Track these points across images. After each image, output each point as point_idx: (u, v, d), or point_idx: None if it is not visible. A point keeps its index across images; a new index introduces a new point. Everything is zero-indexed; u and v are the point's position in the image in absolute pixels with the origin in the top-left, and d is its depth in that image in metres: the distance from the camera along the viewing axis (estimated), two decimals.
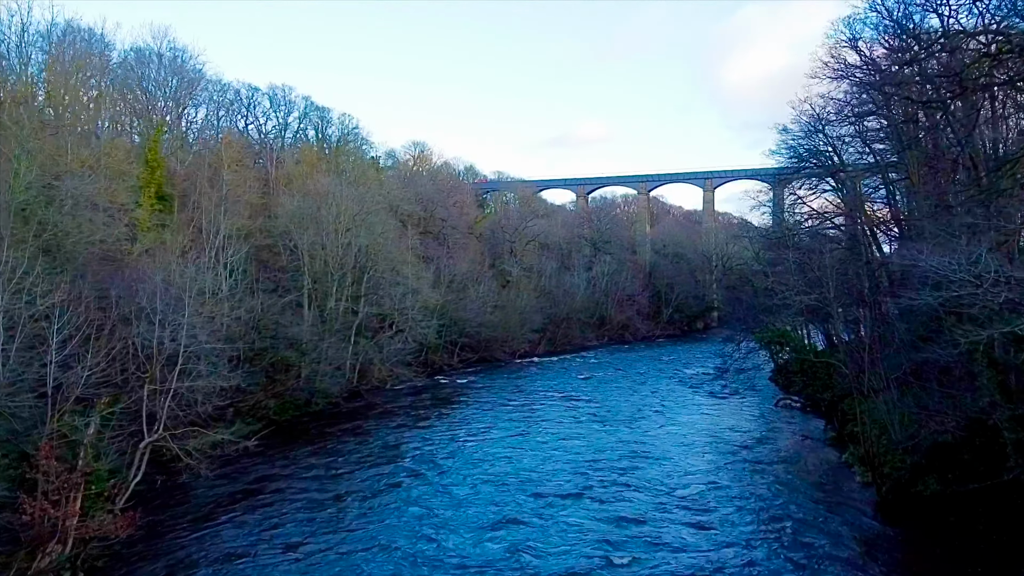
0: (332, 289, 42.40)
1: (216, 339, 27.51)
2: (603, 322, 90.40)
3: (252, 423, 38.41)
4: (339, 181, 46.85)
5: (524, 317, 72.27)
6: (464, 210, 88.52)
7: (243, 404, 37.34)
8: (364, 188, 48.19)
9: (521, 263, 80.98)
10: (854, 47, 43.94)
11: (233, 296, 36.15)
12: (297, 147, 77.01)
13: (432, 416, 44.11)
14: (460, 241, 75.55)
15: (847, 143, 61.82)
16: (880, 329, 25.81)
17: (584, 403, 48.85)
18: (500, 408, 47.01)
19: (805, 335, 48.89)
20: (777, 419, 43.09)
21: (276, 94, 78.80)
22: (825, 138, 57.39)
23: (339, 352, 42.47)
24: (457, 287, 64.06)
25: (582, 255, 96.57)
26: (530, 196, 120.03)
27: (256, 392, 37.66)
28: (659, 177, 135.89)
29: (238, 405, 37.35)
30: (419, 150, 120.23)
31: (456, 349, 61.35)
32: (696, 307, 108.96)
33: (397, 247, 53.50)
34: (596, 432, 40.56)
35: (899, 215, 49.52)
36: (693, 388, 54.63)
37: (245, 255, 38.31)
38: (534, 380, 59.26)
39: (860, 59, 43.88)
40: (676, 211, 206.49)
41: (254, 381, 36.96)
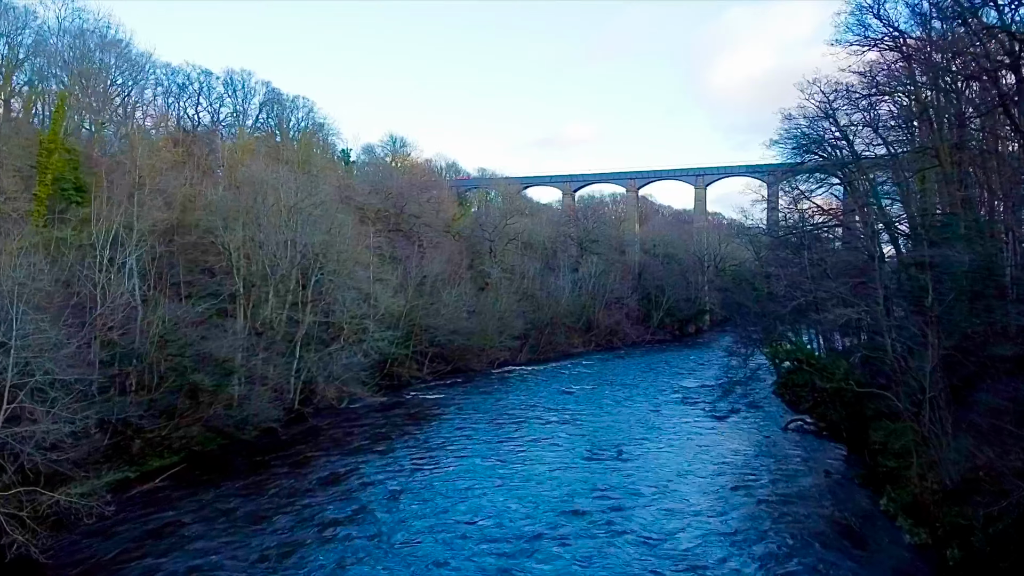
0: (269, 295, 36.12)
1: (80, 363, 21.13)
2: (590, 327, 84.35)
3: (169, 456, 32.41)
4: (278, 168, 40.45)
5: (503, 322, 66.14)
6: (442, 207, 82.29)
7: (152, 436, 31.02)
8: (313, 178, 41.66)
9: (502, 264, 74.84)
10: (877, 15, 38.41)
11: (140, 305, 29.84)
12: (256, 136, 70.65)
13: (386, 442, 37.90)
14: (436, 240, 69.27)
15: (856, 134, 56.53)
16: (946, 350, 19.89)
17: (566, 424, 42.76)
18: (468, 430, 40.87)
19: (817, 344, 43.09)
20: (789, 446, 37.13)
21: (233, 79, 72.44)
22: (835, 124, 51.85)
23: (278, 369, 36.23)
24: (428, 290, 57.85)
25: (568, 255, 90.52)
26: (514, 194, 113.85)
27: (168, 420, 31.35)
28: (649, 174, 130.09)
29: (147, 436, 31.08)
30: (398, 145, 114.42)
31: (426, 360, 55.12)
32: (688, 310, 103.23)
33: (357, 246, 47.24)
34: (578, 462, 34.54)
35: (916, 212, 43.91)
36: (689, 404, 48.64)
37: (161, 255, 31.96)
38: (511, 394, 53.11)
39: (885, 27, 38.28)
40: (665, 211, 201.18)
41: (164, 407, 30.67)
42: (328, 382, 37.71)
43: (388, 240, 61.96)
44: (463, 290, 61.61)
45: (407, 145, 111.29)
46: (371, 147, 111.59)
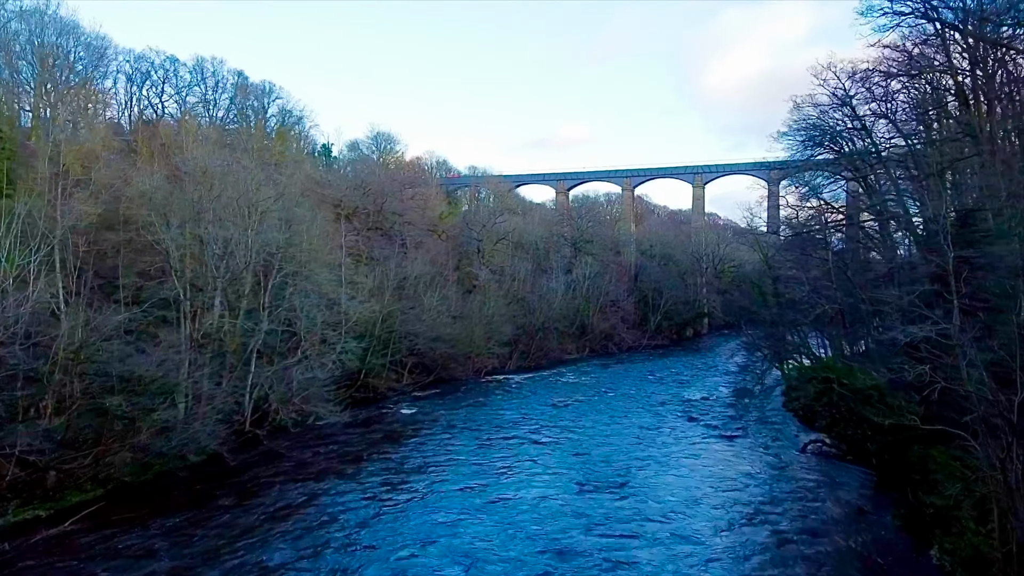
0: (214, 300, 31.59)
1: None
2: (584, 331, 79.93)
3: (93, 490, 27.88)
4: (223, 155, 35.80)
5: (492, 328, 61.71)
6: (429, 205, 77.85)
7: (72, 466, 26.48)
8: (276, 169, 37.03)
9: (490, 265, 70.37)
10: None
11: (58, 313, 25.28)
12: (230, 127, 66.08)
13: (354, 465, 33.42)
14: (420, 240, 64.81)
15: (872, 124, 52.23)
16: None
17: (558, 443, 38.31)
18: (449, 451, 36.42)
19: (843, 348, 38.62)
20: (809, 471, 32.73)
21: (203, 67, 67.82)
22: (853, 112, 47.54)
23: (228, 385, 31.70)
24: (409, 293, 53.38)
25: (561, 256, 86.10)
26: (505, 192, 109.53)
27: (93, 447, 26.81)
28: (645, 172, 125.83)
29: (65, 467, 26.53)
30: (384, 142, 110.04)
31: (405, 369, 50.59)
32: (686, 313, 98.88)
33: (327, 245, 42.72)
34: (572, 489, 30.21)
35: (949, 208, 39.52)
36: (693, 420, 44.19)
37: (86, 255, 27.39)
38: (499, 407, 48.61)
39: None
40: (661, 211, 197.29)
41: (86, 433, 26.15)
42: (283, 401, 33.11)
43: (366, 239, 57.53)
44: (448, 293, 57.16)
45: (394, 141, 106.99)
46: (356, 143, 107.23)
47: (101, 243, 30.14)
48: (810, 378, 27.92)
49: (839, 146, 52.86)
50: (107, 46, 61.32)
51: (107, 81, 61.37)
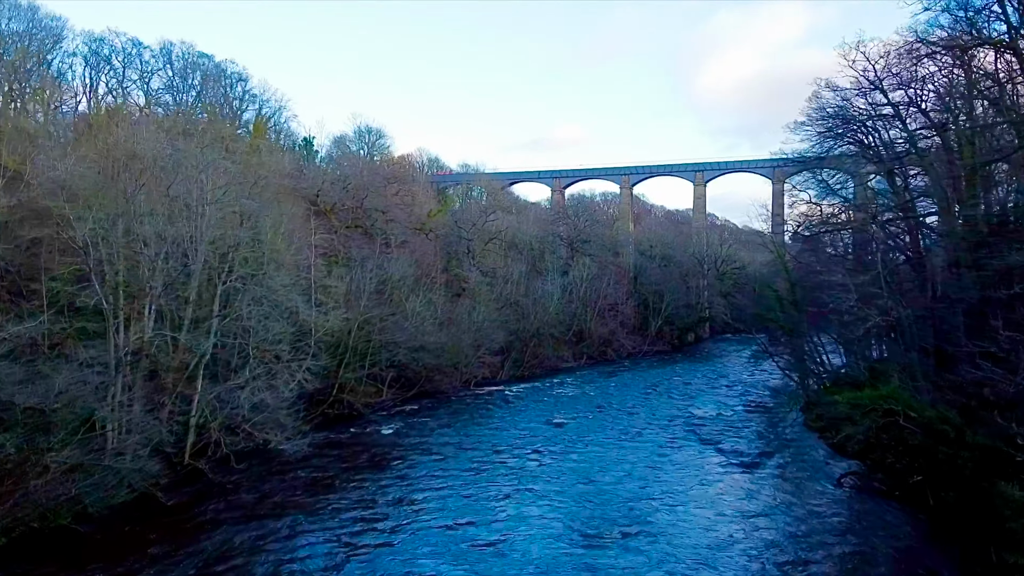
0: (146, 308, 26.55)
1: None
2: (581, 337, 75.02)
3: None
4: (154, 138, 30.59)
5: (482, 335, 56.74)
6: (416, 202, 72.76)
7: None
8: (222, 154, 31.88)
9: (481, 266, 65.39)
10: None
11: None
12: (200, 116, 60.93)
13: (316, 500, 28.39)
14: (405, 239, 59.81)
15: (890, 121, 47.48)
16: None
17: (556, 471, 33.32)
18: (427, 482, 31.38)
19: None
20: (850, 513, 27.73)
21: (170, 52, 62.69)
22: (884, 97, 42.73)
23: (165, 411, 26.68)
24: (389, 298, 48.38)
25: (556, 257, 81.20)
26: (498, 190, 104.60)
27: None
28: (644, 169, 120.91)
29: None
30: (373, 137, 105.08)
31: (385, 383, 45.50)
32: (688, 318, 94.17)
33: (292, 244, 37.69)
34: (573, 528, 25.35)
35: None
36: (706, 442, 39.19)
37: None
38: (487, 426, 43.59)
39: None
40: (658, 210, 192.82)
41: None
42: (228, 429, 28.05)
43: (344, 238, 52.50)
44: (434, 297, 52.17)
45: (382, 136, 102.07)
46: (343, 138, 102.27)
47: (11, 240, 25.14)
48: (868, 409, 22.93)
49: (863, 137, 48.21)
50: (63, 27, 56.19)
51: (62, 64, 56.16)
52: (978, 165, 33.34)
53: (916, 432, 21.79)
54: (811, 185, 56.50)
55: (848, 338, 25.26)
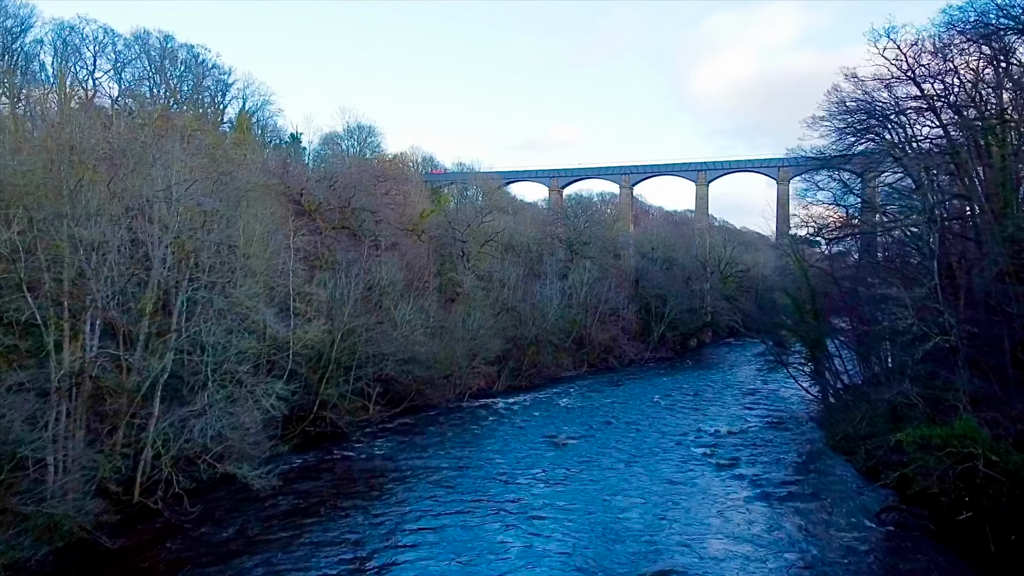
0: (87, 324, 22.90)
1: None
2: (581, 344, 71.45)
3: None
4: (94, 126, 26.89)
5: (477, 343, 53.21)
6: (408, 202, 69.14)
7: None
8: (180, 149, 28.15)
9: (476, 270, 61.87)
10: None
11: None
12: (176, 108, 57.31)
13: (282, 540, 24.85)
14: (395, 241, 56.22)
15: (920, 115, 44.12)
16: None
17: (559, 503, 29.76)
18: (412, 515, 27.85)
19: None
20: (896, 558, 24.29)
21: (146, 41, 59.05)
22: (917, 89, 39.37)
23: (112, 441, 23.16)
24: (379, 305, 44.88)
25: (555, 259, 77.67)
26: (494, 189, 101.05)
27: None
28: (645, 169, 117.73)
29: None
30: (365, 135, 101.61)
31: (371, 398, 41.92)
32: (692, 323, 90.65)
33: (268, 248, 34.13)
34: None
35: None
36: (722, 467, 35.64)
37: None
38: (481, 446, 39.87)
39: None
40: (656, 211, 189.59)
41: None
42: (182, 461, 24.47)
43: (330, 239, 48.96)
44: (426, 304, 48.60)
45: (374, 134, 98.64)
46: (334, 136, 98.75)
47: None
48: (944, 448, 19.36)
49: (889, 133, 44.87)
50: (31, 15, 52.53)
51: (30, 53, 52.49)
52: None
53: (1001, 481, 18.37)
54: (827, 185, 53.25)
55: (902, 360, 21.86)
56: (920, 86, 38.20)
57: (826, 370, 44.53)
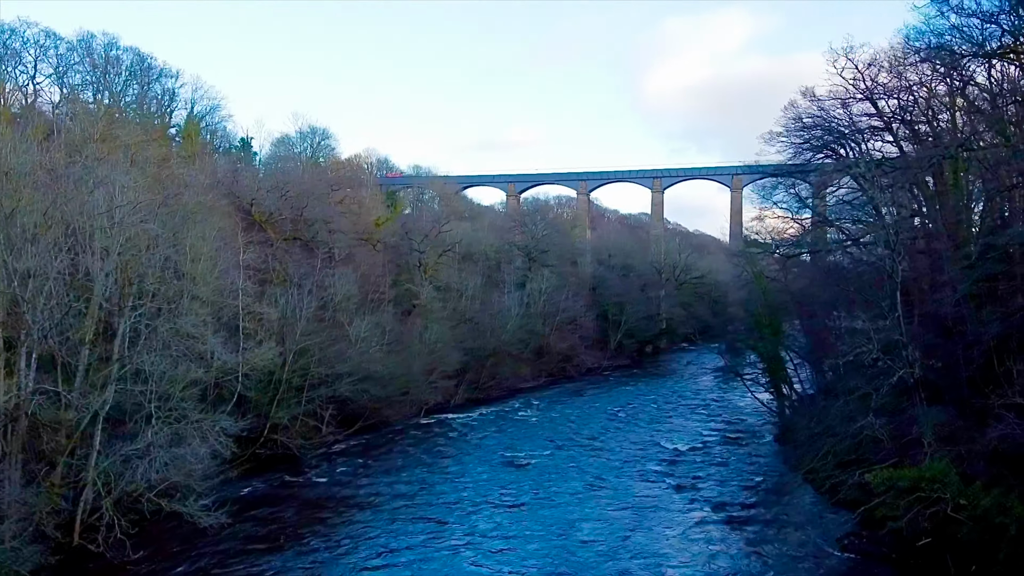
0: (21, 358, 21.13)
1: None
2: (540, 353, 70.90)
3: None
4: (29, 148, 25.04)
5: (435, 357, 52.21)
6: (363, 209, 67.58)
7: None
8: (125, 170, 26.38)
9: (434, 280, 60.75)
10: None
11: None
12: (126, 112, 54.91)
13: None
14: (350, 252, 54.72)
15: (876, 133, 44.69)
16: None
17: (516, 535, 28.95)
18: (364, 552, 26.76)
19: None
20: None
21: (90, 44, 56.42)
22: (874, 108, 39.79)
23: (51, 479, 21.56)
24: (331, 321, 43.52)
25: (513, 267, 76.99)
26: (452, 194, 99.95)
27: None
28: (601, 175, 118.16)
29: None
30: (319, 138, 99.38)
31: (324, 421, 40.53)
32: (648, 330, 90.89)
33: (217, 266, 32.59)
34: None
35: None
36: (682, 487, 35.14)
37: None
38: (436, 467, 38.59)
39: None
40: (611, 214, 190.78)
41: None
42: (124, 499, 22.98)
43: (282, 252, 47.34)
44: (382, 319, 47.38)
45: (329, 137, 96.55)
46: (287, 139, 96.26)
47: None
48: (913, 491, 19.00)
49: (845, 150, 45.37)
50: None
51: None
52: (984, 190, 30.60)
53: (968, 525, 18.27)
54: (783, 198, 53.80)
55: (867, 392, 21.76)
56: (877, 106, 38.65)
57: (783, 383, 44.95)
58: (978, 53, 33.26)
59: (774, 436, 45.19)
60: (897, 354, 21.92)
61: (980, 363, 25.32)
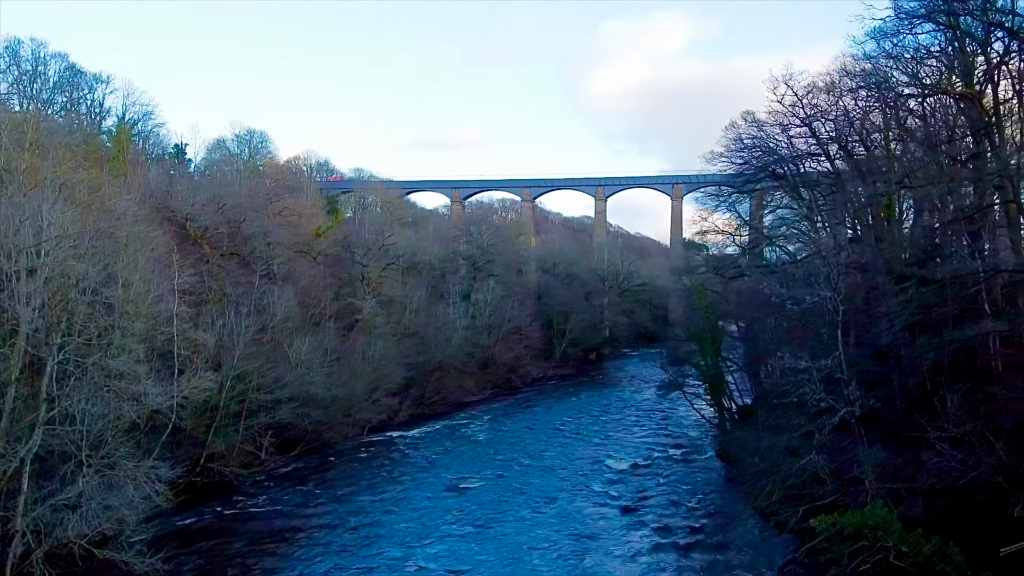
0: None
1: None
2: (486, 365, 70.54)
3: None
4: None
5: (379, 375, 51.21)
6: (303, 218, 65.79)
7: None
8: (52, 203, 24.68)
9: (377, 294, 59.66)
10: None
11: None
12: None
13: None
14: (291, 268, 53.07)
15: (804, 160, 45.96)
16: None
17: (461, 571, 28.56)
18: None
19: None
20: None
21: (16, 49, 53.40)
22: (812, 135, 40.77)
23: None
24: (271, 341, 42.17)
25: (459, 277, 76.39)
26: (395, 200, 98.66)
27: None
28: (545, 182, 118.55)
29: None
30: (256, 142, 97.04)
31: (263, 448, 39.14)
32: (593, 339, 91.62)
33: (151, 292, 31.02)
34: None
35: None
36: (627, 510, 35.26)
37: None
38: (376, 496, 37.17)
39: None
40: (555, 217, 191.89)
41: None
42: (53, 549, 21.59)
43: (218, 269, 45.69)
44: (324, 339, 46.16)
45: (267, 141, 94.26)
46: (222, 143, 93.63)
47: None
48: (857, 538, 19.33)
49: (783, 171, 46.43)
50: None
51: None
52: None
53: (911, 573, 18.68)
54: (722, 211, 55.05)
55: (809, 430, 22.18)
56: (815, 132, 39.65)
57: (724, 396, 45.95)
58: (912, 84, 34.50)
59: (716, 452, 45.91)
60: (839, 393, 22.41)
61: (916, 393, 26.10)
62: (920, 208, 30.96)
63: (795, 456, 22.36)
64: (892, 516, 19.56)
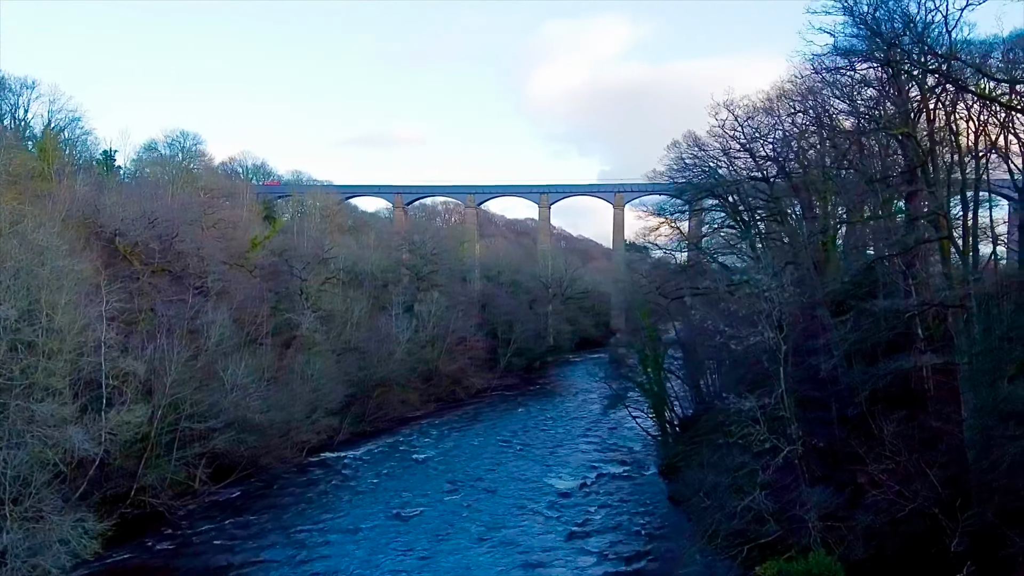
0: None
1: None
2: (429, 378, 69.52)
3: None
4: None
5: (318, 394, 49.65)
6: (238, 228, 63.57)
7: None
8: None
9: (316, 308, 58.13)
10: None
11: None
12: None
13: None
14: (226, 283, 50.97)
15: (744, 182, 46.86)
16: None
17: None
18: None
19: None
20: None
21: None
22: (752, 160, 41.51)
23: None
24: (205, 363, 40.49)
25: (402, 287, 75.28)
26: (335, 206, 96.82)
27: None
28: (489, 189, 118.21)
29: None
30: (189, 143, 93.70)
31: (198, 476, 37.51)
32: (537, 348, 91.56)
33: (77, 320, 29.28)
34: None
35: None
36: (575, 535, 35.17)
37: None
38: (313, 526, 35.89)
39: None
40: (499, 219, 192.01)
41: None
42: None
43: (149, 287, 43.72)
44: (262, 361, 44.64)
45: (201, 143, 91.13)
46: (154, 145, 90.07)
47: None
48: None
49: (724, 191, 47.18)
50: None
51: None
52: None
53: None
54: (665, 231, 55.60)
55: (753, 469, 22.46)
56: (754, 155, 40.38)
57: (666, 409, 46.55)
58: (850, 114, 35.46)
59: (659, 468, 46.34)
60: (781, 431, 22.77)
61: (856, 422, 26.71)
62: (857, 243, 31.76)
63: (739, 494, 22.57)
64: (833, 562, 19.97)
